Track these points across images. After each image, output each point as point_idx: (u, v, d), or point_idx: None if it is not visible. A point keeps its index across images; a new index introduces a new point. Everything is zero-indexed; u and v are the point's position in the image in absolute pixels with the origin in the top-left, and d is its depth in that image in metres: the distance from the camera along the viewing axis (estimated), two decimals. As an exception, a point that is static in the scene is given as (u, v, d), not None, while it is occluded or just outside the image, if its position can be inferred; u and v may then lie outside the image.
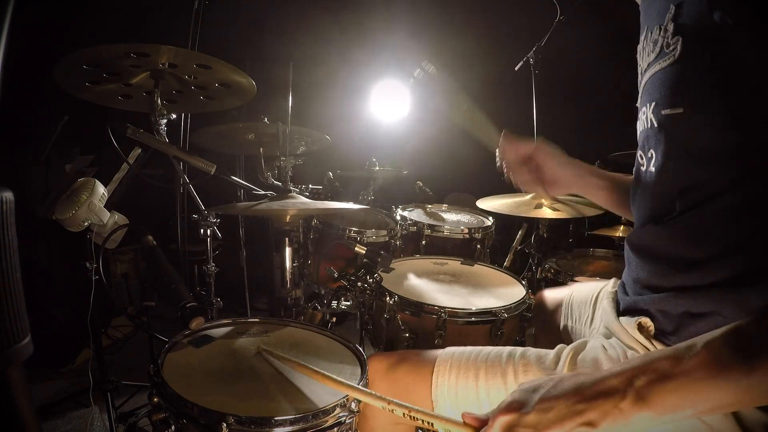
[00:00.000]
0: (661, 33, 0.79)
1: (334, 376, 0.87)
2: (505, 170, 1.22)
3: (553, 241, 2.68)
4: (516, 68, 2.53)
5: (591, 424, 0.58)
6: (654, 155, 0.83)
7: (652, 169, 0.84)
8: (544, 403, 0.61)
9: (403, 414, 0.72)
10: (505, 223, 2.44)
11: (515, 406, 0.64)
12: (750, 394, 0.55)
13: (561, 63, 2.76)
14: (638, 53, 0.91)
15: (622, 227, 2.34)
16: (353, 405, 0.90)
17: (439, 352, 1.01)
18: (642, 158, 0.88)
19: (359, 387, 0.85)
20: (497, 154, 1.22)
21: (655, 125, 0.81)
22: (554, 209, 1.99)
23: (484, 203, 2.14)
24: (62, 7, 2.41)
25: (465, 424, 0.68)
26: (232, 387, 0.94)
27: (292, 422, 0.83)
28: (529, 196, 2.14)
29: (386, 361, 1.03)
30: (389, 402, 0.75)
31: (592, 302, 1.22)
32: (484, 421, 0.67)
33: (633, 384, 0.57)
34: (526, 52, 2.45)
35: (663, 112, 0.79)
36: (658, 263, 0.84)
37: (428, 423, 0.70)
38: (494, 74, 3.21)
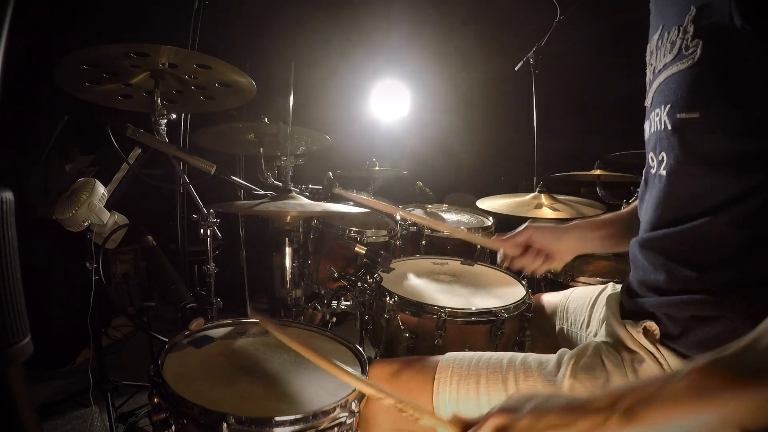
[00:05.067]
0: (680, 34, 0.78)
1: (330, 359, 0.86)
2: (512, 267, 1.26)
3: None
4: (516, 68, 2.53)
5: None
6: (665, 158, 0.82)
7: (663, 172, 0.83)
8: (537, 411, 0.64)
9: (393, 403, 0.73)
10: (505, 223, 2.44)
11: (509, 409, 0.66)
12: (737, 417, 0.57)
13: (561, 63, 2.76)
14: (649, 52, 0.90)
15: (622, 227, 2.34)
16: (353, 405, 0.90)
17: (440, 358, 1.01)
18: (653, 160, 0.87)
19: (349, 370, 0.84)
20: (499, 257, 1.27)
21: (669, 128, 0.80)
22: (554, 209, 1.99)
23: (484, 203, 2.14)
24: (62, 7, 2.41)
25: (452, 423, 0.70)
26: (232, 387, 0.94)
27: (292, 422, 0.83)
28: (529, 196, 2.14)
29: (388, 368, 1.03)
30: (380, 390, 0.76)
31: (589, 306, 1.22)
32: (470, 424, 0.69)
33: (621, 402, 0.60)
34: (526, 52, 2.45)
35: (678, 116, 0.78)
36: (667, 266, 0.83)
37: (415, 417, 0.71)
38: (494, 74, 3.22)
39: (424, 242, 2.09)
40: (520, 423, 0.64)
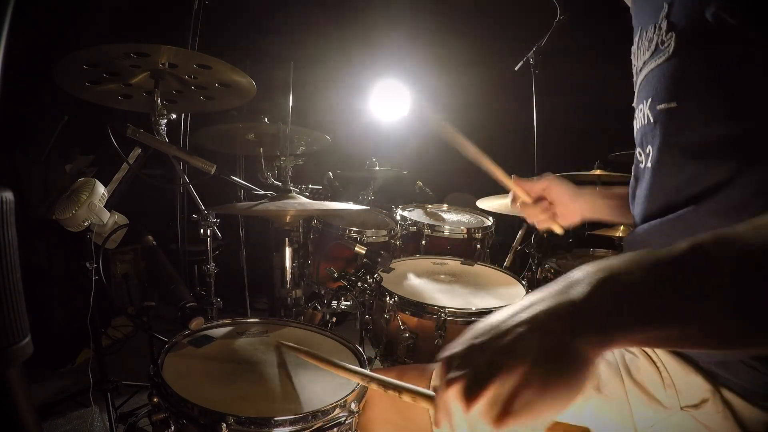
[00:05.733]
0: (656, 31, 0.80)
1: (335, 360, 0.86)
2: (519, 210, 1.24)
3: (553, 241, 2.68)
4: (516, 68, 2.53)
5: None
6: (651, 151, 0.84)
7: (649, 165, 0.84)
8: (476, 376, 0.47)
9: (377, 386, 0.71)
10: (505, 223, 2.44)
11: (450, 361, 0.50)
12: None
13: (561, 63, 2.76)
14: (632, 54, 0.92)
15: (622, 227, 2.34)
16: (352, 405, 0.90)
17: (436, 365, 1.00)
18: (640, 155, 0.89)
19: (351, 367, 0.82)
20: (509, 197, 1.24)
21: (651, 121, 0.82)
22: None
23: (484, 203, 2.14)
24: (62, 7, 2.41)
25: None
26: (232, 387, 0.94)
27: (291, 422, 0.83)
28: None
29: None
30: (364, 377, 0.74)
31: None
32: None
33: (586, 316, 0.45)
34: (526, 52, 2.46)
35: (658, 107, 0.80)
36: None
37: (398, 393, 0.68)
38: (494, 74, 3.22)
39: (424, 242, 2.09)
40: (448, 392, 0.47)
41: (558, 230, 1.22)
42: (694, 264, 0.44)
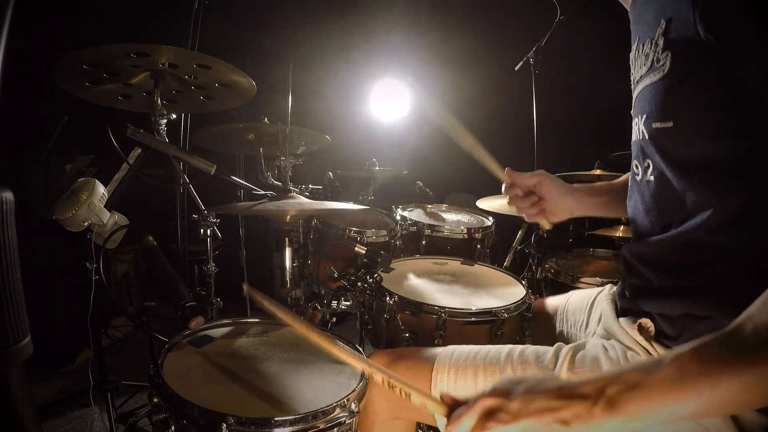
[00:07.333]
0: (652, 47, 0.81)
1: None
2: (509, 202, 1.28)
3: (553, 241, 2.68)
4: (516, 68, 2.53)
5: (565, 422, 0.61)
6: (648, 165, 0.85)
7: (651, 177, 0.86)
8: (528, 395, 0.64)
9: (382, 380, 0.73)
10: (505, 223, 2.44)
11: (500, 392, 0.66)
12: (715, 405, 0.58)
13: (561, 63, 2.76)
14: (630, 61, 0.93)
15: (622, 227, 2.34)
16: (353, 405, 0.90)
17: (439, 350, 1.01)
18: (637, 168, 0.90)
19: (342, 345, 0.83)
20: (503, 188, 1.28)
21: (647, 137, 0.84)
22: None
23: (484, 203, 2.13)
24: (62, 7, 2.41)
25: (442, 401, 0.70)
26: (232, 387, 0.94)
27: (291, 423, 0.83)
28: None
29: (386, 357, 1.04)
30: (370, 365, 0.76)
31: (587, 308, 1.23)
32: (459, 403, 0.69)
33: (604, 392, 0.60)
34: (526, 52, 2.45)
35: (654, 125, 0.81)
36: (657, 272, 0.85)
37: (405, 393, 0.72)
38: (494, 74, 3.22)
39: (424, 242, 2.09)
40: (510, 405, 0.64)
41: (546, 225, 1.26)
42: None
